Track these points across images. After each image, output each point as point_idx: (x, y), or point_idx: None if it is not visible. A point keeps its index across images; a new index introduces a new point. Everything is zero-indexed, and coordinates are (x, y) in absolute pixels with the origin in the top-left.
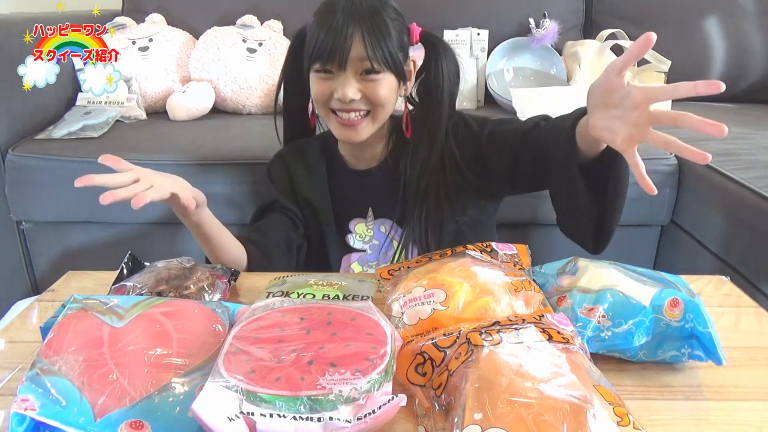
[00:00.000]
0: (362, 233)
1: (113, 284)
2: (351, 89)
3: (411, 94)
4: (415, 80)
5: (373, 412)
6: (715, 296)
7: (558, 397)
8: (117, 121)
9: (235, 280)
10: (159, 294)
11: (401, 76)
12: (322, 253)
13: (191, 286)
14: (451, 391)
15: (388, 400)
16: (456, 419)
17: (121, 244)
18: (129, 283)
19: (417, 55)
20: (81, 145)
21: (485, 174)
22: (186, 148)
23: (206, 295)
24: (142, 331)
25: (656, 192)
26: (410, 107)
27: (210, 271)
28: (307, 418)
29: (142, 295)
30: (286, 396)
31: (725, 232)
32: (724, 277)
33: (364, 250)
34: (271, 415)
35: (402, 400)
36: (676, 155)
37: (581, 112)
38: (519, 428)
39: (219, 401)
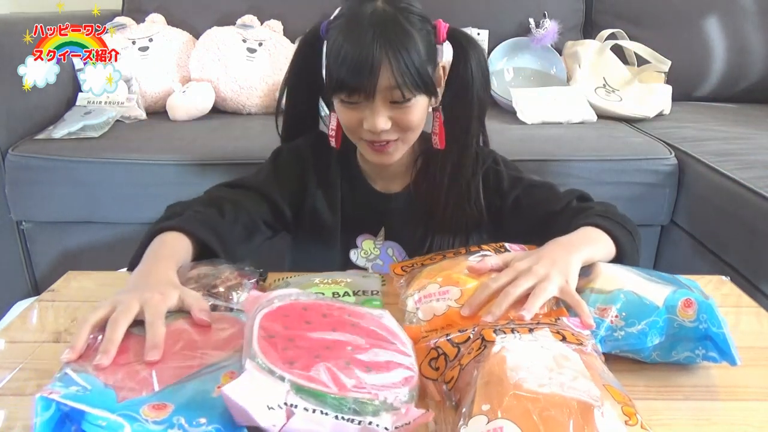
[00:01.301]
0: (368, 250)
1: None
2: (381, 120)
3: (442, 103)
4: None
5: (408, 423)
6: (715, 296)
7: (566, 394)
8: (117, 121)
9: (264, 280)
10: None
11: (432, 92)
12: (314, 259)
13: (219, 285)
14: (462, 385)
15: (421, 414)
16: (464, 410)
17: (121, 244)
18: None
19: (445, 60)
20: (81, 145)
21: (498, 225)
22: (186, 148)
23: (234, 294)
24: (168, 336)
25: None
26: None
27: (238, 272)
28: (348, 420)
29: None
30: (334, 395)
31: (725, 232)
32: (724, 277)
33: (366, 268)
34: (314, 411)
35: (430, 416)
36: (676, 155)
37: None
38: (525, 421)
39: (261, 388)
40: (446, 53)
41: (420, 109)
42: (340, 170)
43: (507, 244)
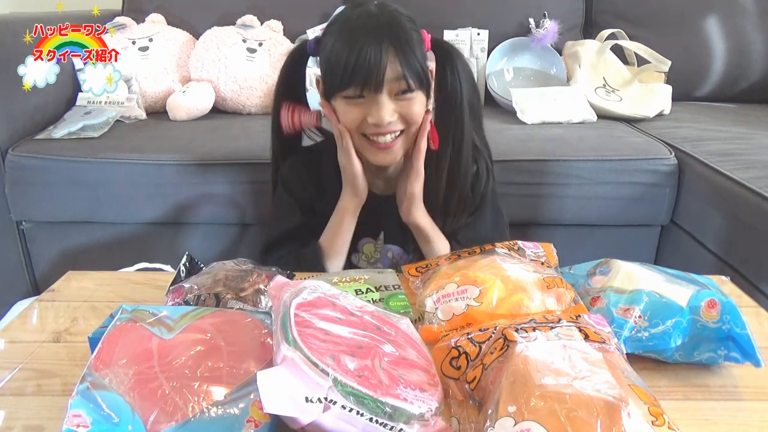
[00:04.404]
0: (369, 254)
1: (171, 285)
2: (387, 112)
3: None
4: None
5: None
6: None
7: (592, 394)
8: (117, 121)
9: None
10: (216, 295)
11: (429, 90)
12: None
13: (247, 288)
14: (486, 385)
15: (445, 428)
16: (490, 411)
17: (121, 244)
18: (187, 285)
19: (431, 66)
20: (81, 145)
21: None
22: (186, 148)
23: (262, 297)
24: (191, 343)
25: None
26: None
27: (266, 273)
28: (381, 423)
29: (200, 295)
30: (373, 397)
31: (725, 232)
32: (724, 277)
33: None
34: (350, 410)
35: (451, 431)
36: (676, 155)
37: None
38: (552, 422)
39: (302, 379)
40: (431, 60)
41: (421, 103)
42: (336, 177)
43: (520, 242)
